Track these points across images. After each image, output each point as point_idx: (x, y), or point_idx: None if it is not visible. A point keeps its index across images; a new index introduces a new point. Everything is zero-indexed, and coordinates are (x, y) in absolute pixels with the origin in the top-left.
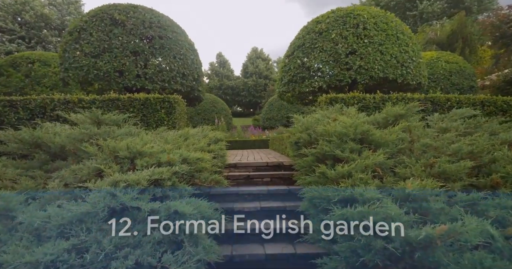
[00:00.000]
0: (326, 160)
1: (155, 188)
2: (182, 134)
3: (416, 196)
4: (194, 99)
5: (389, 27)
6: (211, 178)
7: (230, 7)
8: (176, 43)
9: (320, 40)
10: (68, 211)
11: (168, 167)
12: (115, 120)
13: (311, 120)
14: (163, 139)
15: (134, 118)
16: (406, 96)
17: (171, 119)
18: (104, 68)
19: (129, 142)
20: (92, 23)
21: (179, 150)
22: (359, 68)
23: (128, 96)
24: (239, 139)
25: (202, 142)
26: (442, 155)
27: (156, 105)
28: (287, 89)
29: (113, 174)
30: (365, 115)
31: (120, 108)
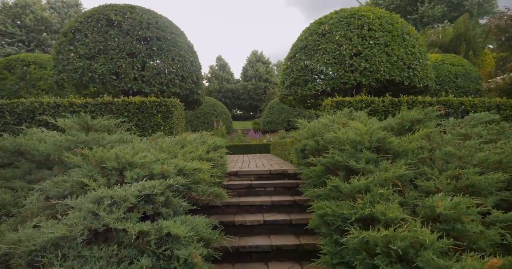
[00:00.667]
0: (337, 170)
1: (146, 204)
2: (178, 141)
3: (448, 216)
4: (193, 102)
5: (394, 28)
6: (209, 191)
7: (230, 10)
8: (175, 44)
9: (323, 42)
10: (42, 233)
11: (161, 180)
12: (106, 126)
13: (318, 126)
14: (158, 147)
15: (129, 123)
16: (417, 99)
17: (168, 124)
18: (99, 70)
19: (118, 151)
20: (87, 24)
21: (175, 160)
22: (364, 70)
23: (123, 99)
24: (240, 144)
25: (201, 149)
26: (468, 165)
27: (152, 109)
28: (289, 92)
29: (98, 189)
30: (376, 120)
31: (114, 112)
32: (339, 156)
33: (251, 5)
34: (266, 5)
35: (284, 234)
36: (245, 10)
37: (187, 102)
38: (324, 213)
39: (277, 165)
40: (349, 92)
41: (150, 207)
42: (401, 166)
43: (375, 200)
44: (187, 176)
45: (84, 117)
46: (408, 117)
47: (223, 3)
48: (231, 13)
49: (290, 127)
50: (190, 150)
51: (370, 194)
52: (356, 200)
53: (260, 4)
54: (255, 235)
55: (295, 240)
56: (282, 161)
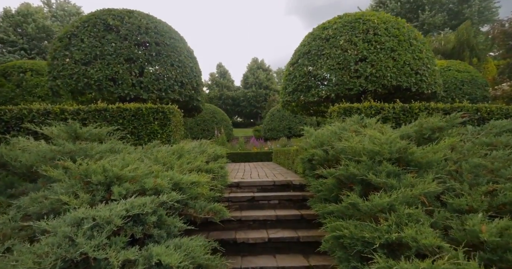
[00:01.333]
0: (352, 184)
1: (135, 225)
2: (175, 150)
3: (495, 244)
4: (193, 109)
5: (401, 32)
6: (208, 208)
7: (230, 19)
8: (174, 50)
9: (327, 47)
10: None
11: (153, 197)
12: (96, 134)
13: (327, 134)
14: (153, 157)
15: (124, 130)
16: (429, 105)
17: (165, 132)
18: (95, 76)
19: (106, 163)
20: (84, 29)
21: (170, 172)
22: (370, 76)
23: (118, 106)
24: (241, 152)
25: (199, 159)
26: (501, 179)
27: (148, 116)
28: (292, 98)
29: (79, 207)
30: (390, 128)
31: (108, 119)
32: (355, 169)
33: (251, 13)
34: (266, 13)
35: (291, 254)
36: (245, 18)
37: (186, 109)
38: (340, 235)
39: (281, 175)
40: (354, 99)
41: (140, 229)
42: (430, 182)
43: (402, 221)
44: (184, 190)
45: (72, 125)
46: (428, 125)
47: (223, 11)
48: (232, 21)
49: (292, 134)
50: (187, 161)
51: (395, 214)
52: (378, 220)
53: (260, 12)
54: (259, 255)
55: (304, 261)
56: (285, 171)
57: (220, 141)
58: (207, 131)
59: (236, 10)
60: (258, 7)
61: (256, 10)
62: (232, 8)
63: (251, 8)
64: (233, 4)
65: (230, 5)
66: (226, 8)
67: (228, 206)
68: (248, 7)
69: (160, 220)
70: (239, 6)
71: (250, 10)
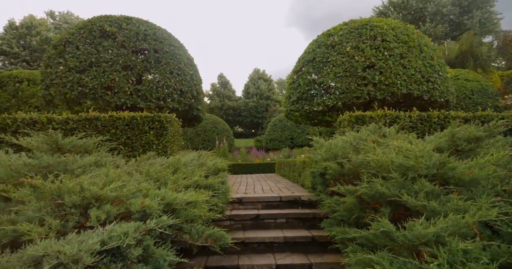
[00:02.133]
0: (377, 204)
1: (113, 260)
2: (171, 163)
3: None
4: (193, 118)
5: (410, 39)
6: (207, 233)
7: (232, 30)
8: (174, 57)
9: (333, 54)
10: None
11: (138, 223)
12: (82, 145)
13: (341, 144)
14: (144, 172)
15: (116, 141)
16: (449, 114)
17: (162, 143)
18: (90, 84)
19: (84, 180)
20: (79, 36)
21: (162, 190)
22: (378, 84)
23: (110, 114)
24: (243, 163)
25: (198, 174)
26: None
27: (143, 125)
28: (296, 107)
29: (44, 238)
30: (414, 137)
31: (99, 129)
32: (384, 187)
33: (252, 25)
34: (266, 25)
35: None
36: (246, 30)
37: (186, 119)
38: None
39: (287, 190)
40: (362, 108)
41: (119, 266)
42: (488, 206)
43: (456, 259)
44: (178, 212)
45: (52, 135)
46: (463, 134)
47: (224, 22)
48: (233, 33)
49: (294, 145)
50: (184, 176)
51: (445, 248)
52: (422, 256)
53: (260, 25)
54: None
55: None
56: (291, 184)
57: (222, 152)
58: (208, 141)
59: (237, 21)
60: (259, 19)
61: (256, 22)
62: (233, 20)
63: (251, 20)
64: (234, 16)
65: (231, 17)
66: (227, 19)
67: (229, 226)
68: (249, 19)
69: (146, 252)
70: (239, 18)
71: (251, 22)
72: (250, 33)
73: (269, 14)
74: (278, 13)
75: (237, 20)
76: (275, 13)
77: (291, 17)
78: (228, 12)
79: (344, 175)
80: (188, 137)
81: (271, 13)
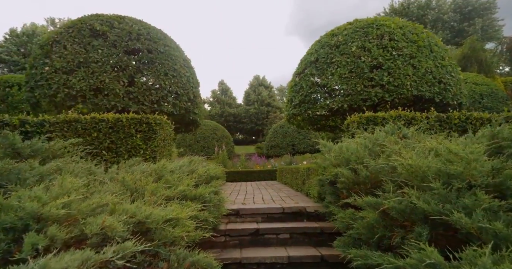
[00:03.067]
0: (409, 222)
1: None
2: (155, 169)
3: None
4: (190, 123)
5: (420, 38)
6: (190, 261)
7: (232, 38)
8: (169, 58)
9: (337, 54)
10: None
11: (88, 253)
12: (48, 150)
13: (354, 148)
14: (119, 180)
15: (100, 145)
16: (471, 115)
17: (150, 147)
18: (77, 86)
19: (25, 193)
20: (67, 35)
21: (134, 204)
22: (387, 85)
23: (92, 116)
24: (242, 170)
25: (185, 183)
26: None
27: (129, 128)
28: (298, 111)
29: None
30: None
31: (79, 132)
32: (422, 201)
33: (252, 34)
34: (266, 34)
35: None
36: (247, 38)
37: (183, 123)
38: None
39: (290, 199)
40: (370, 111)
41: None
42: None
43: None
44: (153, 233)
45: (7, 136)
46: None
47: (225, 30)
48: (233, 40)
49: (295, 151)
50: (169, 184)
51: None
52: None
53: (260, 33)
54: None
55: None
56: (294, 193)
57: (221, 159)
58: (207, 148)
59: (238, 29)
60: (259, 28)
61: (257, 30)
62: (234, 28)
63: (252, 28)
64: (235, 24)
65: (232, 25)
66: (227, 27)
67: (224, 243)
68: (250, 27)
69: None
70: (240, 26)
71: (252, 30)
72: (251, 41)
73: (269, 23)
74: (278, 22)
75: (237, 28)
76: (275, 22)
77: (291, 25)
78: (228, 20)
79: (359, 183)
80: (187, 144)
81: (272, 22)
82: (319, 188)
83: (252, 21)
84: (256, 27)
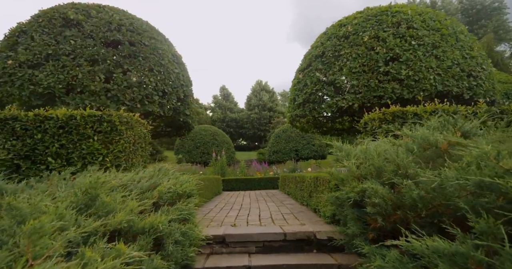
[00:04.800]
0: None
1: None
2: (87, 187)
3: None
4: (182, 126)
5: (443, 25)
6: None
7: (234, 44)
8: (155, 51)
9: (347, 46)
10: None
11: None
12: None
13: (391, 151)
14: (4, 206)
15: (46, 150)
16: None
17: (112, 152)
18: (44, 82)
19: None
20: (36, 24)
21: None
22: (405, 79)
23: (36, 113)
24: (241, 177)
25: (129, 206)
26: None
27: (85, 128)
28: (302, 112)
29: None
30: None
31: (17, 134)
32: None
33: (254, 40)
34: (267, 41)
35: None
36: (248, 44)
37: (173, 126)
38: None
39: (294, 218)
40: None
41: None
42: None
43: None
44: None
45: None
46: None
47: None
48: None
49: (299, 157)
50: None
51: None
52: None
53: (262, 39)
54: None
55: None
56: (298, 207)
57: (219, 165)
58: (207, 154)
59: (239, 36)
60: (261, 34)
61: (258, 37)
62: (235, 34)
63: (254, 34)
64: (236, 30)
65: (233, 31)
66: (229, 33)
67: None
68: (251, 34)
69: None
70: (242, 33)
71: (253, 36)
72: (253, 48)
73: (271, 30)
74: (279, 28)
75: (239, 35)
76: (277, 29)
77: (292, 32)
78: (230, 26)
79: (404, 208)
80: (186, 150)
81: (273, 28)
82: (335, 208)
83: (254, 27)
84: (258, 34)
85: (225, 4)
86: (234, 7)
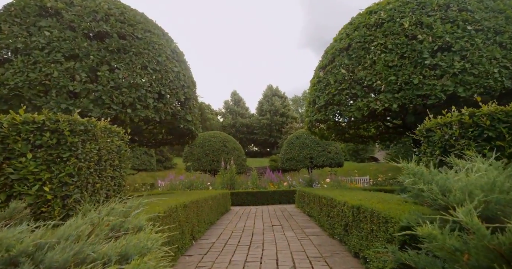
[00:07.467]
0: None
1: None
2: None
3: None
4: (183, 134)
5: (507, 5)
6: None
7: (245, 51)
8: (149, 46)
9: (380, 36)
10: None
11: None
12: None
13: None
14: None
15: None
16: None
17: (57, 177)
18: (11, 81)
19: None
20: (6, 14)
21: None
22: (460, 74)
23: None
24: (252, 190)
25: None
26: None
27: (15, 140)
28: (324, 116)
29: None
30: None
31: None
32: None
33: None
34: (279, 47)
35: None
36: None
37: (174, 134)
38: None
39: (326, 266)
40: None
41: None
42: None
43: None
44: None
45: None
46: None
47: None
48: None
49: (314, 165)
50: None
51: None
52: None
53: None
54: None
55: None
56: (329, 243)
57: (229, 176)
58: (217, 162)
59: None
60: (272, 40)
61: (269, 43)
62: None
63: (265, 41)
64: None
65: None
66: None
67: None
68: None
69: None
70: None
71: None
72: (264, 54)
73: (282, 36)
74: (291, 35)
75: (250, 40)
76: (288, 35)
77: (304, 38)
78: (241, 31)
79: None
80: (195, 158)
81: (284, 35)
82: None
83: (265, 33)
84: (269, 40)
85: (236, 10)
86: (246, 13)
